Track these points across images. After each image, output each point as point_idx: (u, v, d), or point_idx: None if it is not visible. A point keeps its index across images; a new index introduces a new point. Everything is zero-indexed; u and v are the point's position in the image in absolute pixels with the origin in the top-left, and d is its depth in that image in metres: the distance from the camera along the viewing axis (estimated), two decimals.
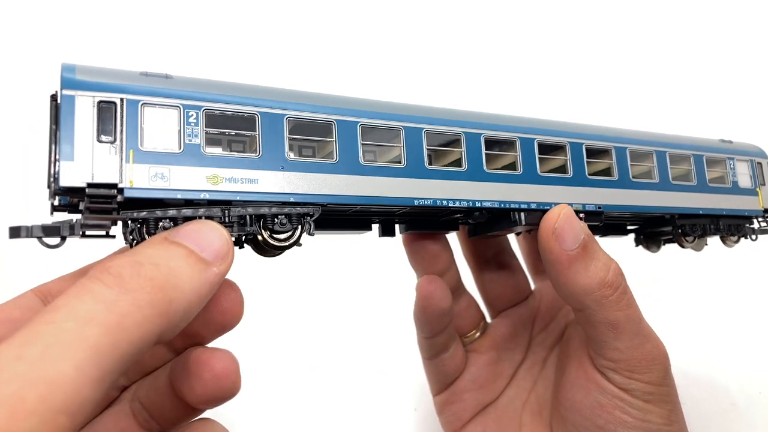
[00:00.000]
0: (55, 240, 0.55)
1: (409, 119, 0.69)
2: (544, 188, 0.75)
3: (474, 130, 0.73)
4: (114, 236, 0.60)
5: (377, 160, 0.70)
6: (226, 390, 0.53)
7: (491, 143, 0.74)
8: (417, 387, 0.91)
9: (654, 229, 0.94)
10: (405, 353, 0.96)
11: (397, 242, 0.80)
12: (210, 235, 0.47)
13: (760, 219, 0.98)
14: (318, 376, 0.99)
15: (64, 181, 0.51)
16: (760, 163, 0.99)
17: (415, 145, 0.68)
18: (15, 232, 0.54)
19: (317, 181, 0.62)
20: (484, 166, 0.72)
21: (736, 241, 0.97)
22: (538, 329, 0.82)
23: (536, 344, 0.81)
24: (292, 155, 0.61)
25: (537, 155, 0.76)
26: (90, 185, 0.52)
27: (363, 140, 0.65)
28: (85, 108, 0.52)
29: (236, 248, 0.68)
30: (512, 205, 0.73)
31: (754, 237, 0.97)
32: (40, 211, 0.63)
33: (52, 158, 0.53)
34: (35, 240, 0.54)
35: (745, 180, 0.96)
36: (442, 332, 0.73)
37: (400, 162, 0.67)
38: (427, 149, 0.69)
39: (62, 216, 0.59)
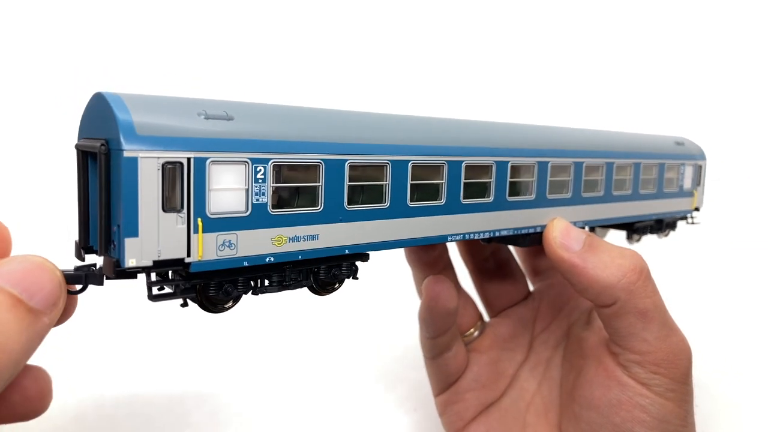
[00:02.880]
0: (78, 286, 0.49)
1: (450, 152, 0.66)
2: (549, 210, 0.78)
3: (502, 158, 0.72)
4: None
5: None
6: (36, 411, 0.47)
7: (514, 169, 0.74)
8: (417, 388, 0.94)
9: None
10: (405, 354, 1.00)
11: None
12: (40, 277, 0.40)
13: (690, 216, 1.11)
14: (317, 377, 0.98)
15: (130, 262, 0.44)
16: (700, 166, 1.10)
17: (454, 179, 0.67)
18: None
19: (369, 229, 0.59)
20: (507, 195, 0.73)
21: (666, 234, 1.10)
22: (540, 329, 0.83)
23: (539, 344, 0.82)
24: (347, 204, 0.57)
25: (549, 178, 0.78)
26: (156, 263, 0.46)
27: (412, 180, 0.63)
28: (149, 172, 0.44)
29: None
30: (522, 231, 0.75)
31: (674, 230, 1.11)
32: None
33: (101, 221, 0.46)
34: None
35: (688, 183, 1.07)
36: (446, 332, 0.74)
37: (439, 199, 0.66)
38: (464, 183, 0.68)
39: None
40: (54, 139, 0.71)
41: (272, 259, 0.52)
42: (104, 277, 0.47)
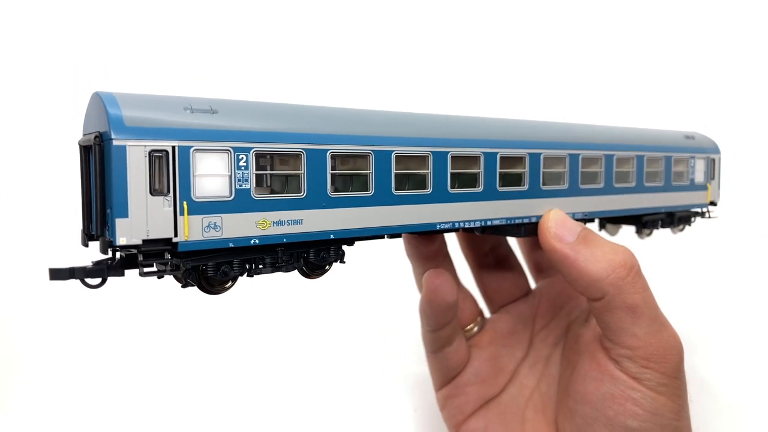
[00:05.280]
0: (96, 280, 0.54)
1: (436, 143, 0.69)
2: (544, 201, 0.80)
3: (490, 149, 0.74)
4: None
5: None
6: None
7: (504, 160, 0.76)
8: (417, 387, 0.95)
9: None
10: (405, 353, 1.02)
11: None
12: None
13: (705, 210, 1.09)
14: (317, 376, 1.01)
15: (121, 240, 0.49)
16: (713, 159, 1.09)
17: (440, 169, 0.69)
18: (57, 275, 0.52)
19: (354, 215, 0.63)
20: (498, 185, 0.75)
21: (681, 230, 1.09)
22: (540, 327, 0.84)
23: (538, 341, 0.83)
24: (331, 191, 0.61)
25: (542, 170, 0.80)
26: (145, 242, 0.50)
27: (396, 169, 0.66)
28: (136, 159, 0.49)
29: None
30: (516, 221, 0.77)
31: (689, 225, 1.09)
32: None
33: (97, 206, 0.51)
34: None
35: (700, 176, 1.06)
36: (446, 326, 0.75)
37: (426, 188, 0.68)
38: (450, 173, 0.71)
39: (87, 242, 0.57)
40: (59, 139, 0.77)
41: (257, 241, 0.56)
42: (124, 269, 0.52)
